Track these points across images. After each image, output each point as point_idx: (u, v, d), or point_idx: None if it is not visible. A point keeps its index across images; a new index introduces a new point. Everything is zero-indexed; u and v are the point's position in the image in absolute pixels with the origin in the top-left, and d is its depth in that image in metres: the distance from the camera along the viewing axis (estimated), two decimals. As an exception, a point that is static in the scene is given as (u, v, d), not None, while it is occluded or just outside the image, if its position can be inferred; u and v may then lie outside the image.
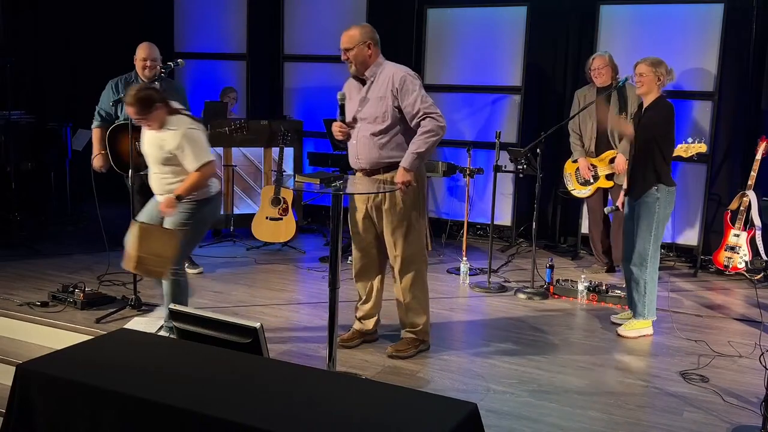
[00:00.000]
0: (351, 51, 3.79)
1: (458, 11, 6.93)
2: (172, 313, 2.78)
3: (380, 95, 3.78)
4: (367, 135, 3.81)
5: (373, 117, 3.79)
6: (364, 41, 3.79)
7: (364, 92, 3.84)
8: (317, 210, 7.53)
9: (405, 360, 3.92)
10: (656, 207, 4.29)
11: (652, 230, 4.31)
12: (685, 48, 6.07)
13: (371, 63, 3.83)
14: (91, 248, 6.04)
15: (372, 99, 3.80)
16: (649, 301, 4.40)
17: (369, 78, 3.84)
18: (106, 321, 4.30)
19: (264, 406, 2.07)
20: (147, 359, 2.39)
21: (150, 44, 5.15)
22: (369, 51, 3.81)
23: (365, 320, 4.17)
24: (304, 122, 7.11)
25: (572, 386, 3.70)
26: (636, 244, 4.36)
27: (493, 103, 6.91)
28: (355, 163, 3.94)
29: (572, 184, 5.90)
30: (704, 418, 3.38)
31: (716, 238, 6.03)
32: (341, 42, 3.83)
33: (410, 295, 3.97)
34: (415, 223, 3.89)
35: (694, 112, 6.17)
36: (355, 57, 3.79)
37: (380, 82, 3.80)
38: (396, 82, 3.74)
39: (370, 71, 3.84)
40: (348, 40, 3.80)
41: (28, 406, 2.25)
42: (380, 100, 3.78)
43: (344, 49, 3.81)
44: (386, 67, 3.84)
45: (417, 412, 2.05)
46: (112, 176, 5.28)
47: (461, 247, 6.00)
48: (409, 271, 3.93)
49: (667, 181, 4.31)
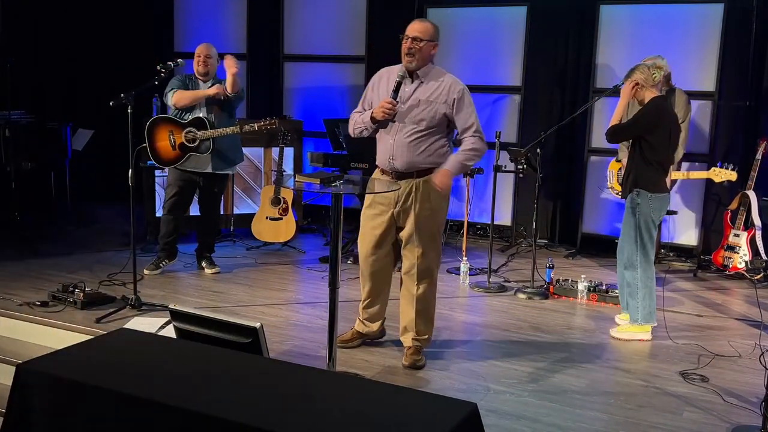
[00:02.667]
0: (421, 42, 3.63)
1: (458, 11, 6.93)
2: (172, 313, 2.78)
3: (431, 99, 3.68)
4: (409, 136, 3.70)
5: (418, 119, 3.68)
6: (435, 39, 3.70)
7: (411, 91, 3.71)
8: (317, 210, 7.52)
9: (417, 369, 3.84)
10: (637, 212, 4.22)
11: (633, 235, 4.26)
12: (685, 48, 6.07)
13: (427, 63, 3.72)
14: (91, 248, 6.04)
15: (422, 101, 3.69)
16: (642, 307, 4.32)
17: (420, 77, 3.72)
18: (106, 321, 4.30)
19: (264, 406, 2.07)
20: (147, 359, 2.39)
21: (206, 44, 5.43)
22: (434, 51, 3.72)
23: (370, 322, 4.09)
24: (304, 122, 7.11)
25: (572, 386, 3.70)
26: (624, 248, 4.36)
27: (493, 103, 6.91)
28: (386, 163, 3.78)
29: (613, 181, 5.90)
30: (704, 418, 3.38)
31: (716, 238, 6.03)
32: (412, 29, 3.66)
33: (424, 302, 3.88)
34: (441, 230, 3.89)
35: (694, 112, 6.17)
36: (422, 50, 3.65)
37: (432, 86, 3.70)
38: (455, 92, 3.68)
39: (423, 71, 3.72)
40: (423, 30, 3.66)
41: (28, 406, 2.25)
42: (430, 105, 3.67)
43: (413, 38, 3.64)
44: (439, 73, 3.74)
45: (417, 412, 2.05)
46: (112, 176, 5.29)
47: (461, 247, 6.00)
48: (428, 277, 3.86)
49: (647, 186, 4.18)
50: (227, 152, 5.34)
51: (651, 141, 4.18)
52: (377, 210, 3.86)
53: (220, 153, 5.29)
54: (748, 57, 6.04)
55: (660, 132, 4.18)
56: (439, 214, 3.84)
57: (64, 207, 7.14)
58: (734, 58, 6.05)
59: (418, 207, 3.76)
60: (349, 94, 7.41)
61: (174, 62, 5.08)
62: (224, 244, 6.42)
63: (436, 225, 3.84)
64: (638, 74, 4.22)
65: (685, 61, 6.04)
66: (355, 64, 7.30)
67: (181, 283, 5.29)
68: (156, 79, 4.87)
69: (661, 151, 4.20)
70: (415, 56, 3.66)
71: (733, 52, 6.03)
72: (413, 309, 3.89)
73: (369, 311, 4.06)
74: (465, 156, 3.73)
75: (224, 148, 5.30)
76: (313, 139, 7.48)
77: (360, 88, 7.25)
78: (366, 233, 3.93)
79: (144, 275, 5.27)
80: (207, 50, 5.34)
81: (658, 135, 4.18)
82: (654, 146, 4.18)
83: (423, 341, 3.95)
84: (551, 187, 6.78)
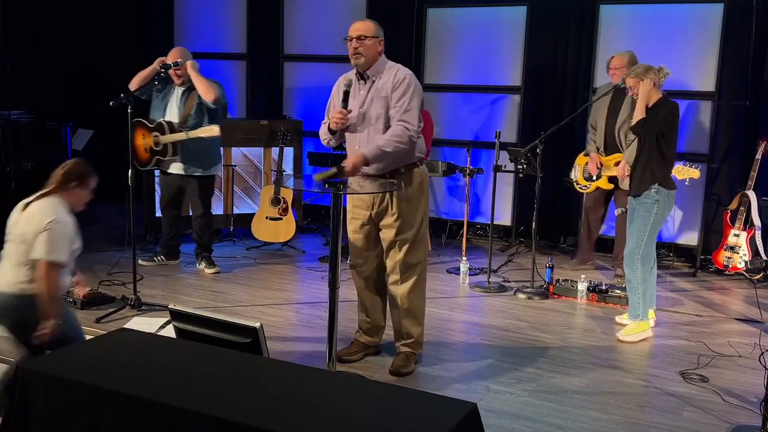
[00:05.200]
0: (366, 40, 3.59)
1: (458, 11, 6.93)
2: (172, 313, 2.78)
3: (383, 95, 3.62)
4: (371, 137, 3.64)
5: (375, 117, 3.63)
6: (378, 36, 3.66)
7: (365, 91, 3.68)
8: (317, 210, 7.53)
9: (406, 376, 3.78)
10: (654, 208, 4.27)
11: (646, 230, 4.29)
12: (685, 48, 6.07)
13: (377, 60, 3.67)
14: (91, 248, 6.03)
15: (375, 98, 3.63)
16: (643, 302, 4.37)
17: (372, 76, 3.67)
18: (106, 321, 4.30)
19: (264, 406, 2.07)
20: (147, 359, 2.39)
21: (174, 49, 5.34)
22: (380, 48, 3.67)
23: (373, 335, 4.01)
24: (304, 122, 7.11)
25: (572, 386, 3.70)
26: (629, 243, 4.37)
27: (493, 103, 6.91)
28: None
29: (578, 176, 5.89)
30: (704, 417, 3.38)
31: (716, 238, 6.03)
32: (354, 29, 3.62)
33: (408, 300, 3.79)
34: (420, 229, 3.78)
35: (694, 112, 6.17)
36: (367, 49, 3.60)
37: (384, 80, 3.64)
38: (399, 78, 3.60)
39: (373, 69, 3.66)
40: (365, 28, 3.62)
41: (28, 406, 2.25)
42: (383, 100, 3.61)
43: (357, 38, 3.60)
44: (391, 67, 3.68)
45: (417, 412, 2.05)
46: (112, 176, 5.29)
47: (461, 247, 6.00)
48: (411, 277, 3.77)
49: (666, 184, 4.28)
50: (197, 155, 5.34)
51: (669, 139, 4.29)
52: (354, 215, 3.83)
53: (190, 156, 5.32)
54: (748, 57, 6.04)
55: (676, 130, 4.33)
56: (418, 209, 3.75)
57: (64, 207, 7.13)
58: (734, 58, 6.04)
59: (393, 208, 3.69)
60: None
61: (174, 62, 5.09)
62: (224, 244, 6.43)
63: (416, 221, 3.75)
64: (653, 75, 4.29)
65: (685, 61, 6.04)
66: (355, 64, 7.30)
67: (181, 283, 5.29)
68: (156, 79, 4.88)
69: (674, 148, 4.36)
70: (362, 55, 3.62)
71: (732, 52, 6.02)
72: (399, 310, 3.83)
73: (368, 321, 4.00)
74: (385, 142, 3.54)
75: (194, 151, 5.31)
76: (313, 139, 7.46)
77: (360, 88, 7.26)
78: (351, 241, 3.90)
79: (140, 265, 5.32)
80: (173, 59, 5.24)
81: (674, 133, 4.32)
82: (671, 144, 4.31)
83: (412, 345, 3.85)
84: (551, 187, 6.77)
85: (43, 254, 3.11)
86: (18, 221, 3.23)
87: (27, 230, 3.16)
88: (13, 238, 3.22)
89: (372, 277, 3.93)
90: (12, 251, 3.21)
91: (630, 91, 4.39)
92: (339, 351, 3.76)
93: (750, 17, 5.98)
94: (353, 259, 3.93)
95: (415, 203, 3.74)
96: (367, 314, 4.00)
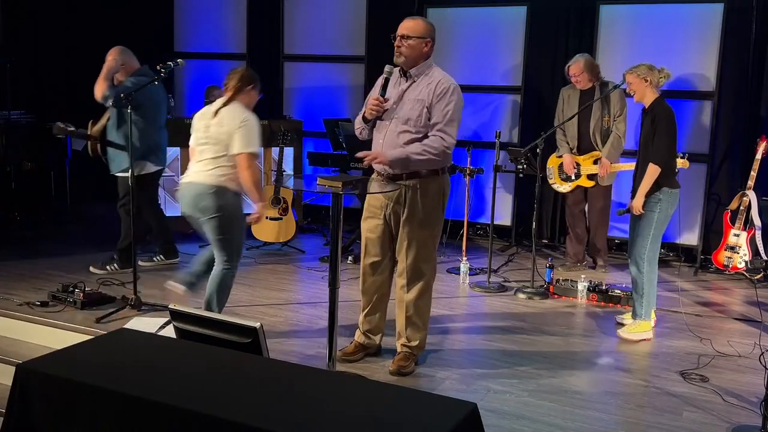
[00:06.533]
0: (409, 40, 3.55)
1: (458, 11, 6.93)
2: (172, 313, 2.78)
3: (420, 98, 3.57)
4: (397, 136, 3.59)
5: (406, 118, 3.58)
6: (426, 36, 3.58)
7: (403, 89, 3.63)
8: (317, 210, 7.53)
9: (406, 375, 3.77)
10: (657, 208, 4.29)
11: (651, 230, 4.32)
12: (684, 48, 6.07)
13: (421, 62, 3.62)
14: (91, 248, 6.03)
15: (411, 100, 3.59)
16: (647, 303, 4.39)
17: (413, 76, 3.62)
18: (106, 321, 4.30)
19: (264, 406, 2.07)
20: (147, 359, 2.39)
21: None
22: (426, 48, 3.60)
23: (373, 335, 4.00)
24: (304, 122, 7.11)
25: (572, 386, 3.70)
26: (635, 244, 4.38)
27: (493, 103, 6.91)
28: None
29: (554, 178, 5.93)
30: (704, 417, 3.38)
31: (716, 238, 6.03)
32: (401, 27, 3.58)
33: (414, 307, 3.78)
34: (434, 234, 3.75)
35: (694, 112, 6.17)
36: (410, 48, 3.56)
37: (424, 83, 3.59)
38: (441, 86, 3.55)
39: (416, 70, 3.62)
40: (412, 27, 3.57)
41: (28, 406, 2.25)
42: (418, 103, 3.56)
43: (401, 36, 3.56)
44: (435, 72, 3.63)
45: (417, 412, 2.05)
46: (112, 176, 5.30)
47: (461, 247, 6.00)
48: (419, 281, 3.75)
49: (669, 184, 4.31)
50: (113, 155, 5.28)
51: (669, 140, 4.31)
52: (370, 213, 3.83)
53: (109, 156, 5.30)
54: (748, 57, 6.04)
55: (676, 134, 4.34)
56: (432, 218, 3.70)
57: (64, 207, 7.15)
58: (734, 58, 6.04)
59: (407, 211, 3.66)
60: (348, 94, 7.42)
61: (174, 62, 5.07)
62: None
63: (429, 229, 3.71)
64: (652, 76, 4.30)
65: (685, 61, 6.04)
66: (355, 64, 7.30)
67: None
68: (156, 78, 4.87)
69: (674, 148, 4.36)
70: (403, 53, 3.59)
71: (733, 52, 6.03)
72: (403, 313, 3.83)
73: (369, 321, 3.98)
74: (418, 148, 3.53)
75: (112, 152, 5.29)
76: (313, 139, 7.48)
77: (360, 88, 7.26)
78: (363, 238, 3.89)
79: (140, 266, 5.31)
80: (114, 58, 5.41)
81: (675, 138, 4.34)
82: (670, 145, 4.31)
83: (413, 348, 3.85)
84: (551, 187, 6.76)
85: (242, 148, 3.83)
86: (209, 125, 3.90)
87: (221, 131, 3.85)
88: (208, 139, 3.89)
89: (380, 279, 3.91)
90: (207, 150, 3.89)
91: (629, 88, 4.38)
92: (339, 351, 3.76)
93: (750, 17, 5.98)
94: (365, 257, 3.90)
95: (430, 208, 3.69)
96: (368, 314, 3.99)
